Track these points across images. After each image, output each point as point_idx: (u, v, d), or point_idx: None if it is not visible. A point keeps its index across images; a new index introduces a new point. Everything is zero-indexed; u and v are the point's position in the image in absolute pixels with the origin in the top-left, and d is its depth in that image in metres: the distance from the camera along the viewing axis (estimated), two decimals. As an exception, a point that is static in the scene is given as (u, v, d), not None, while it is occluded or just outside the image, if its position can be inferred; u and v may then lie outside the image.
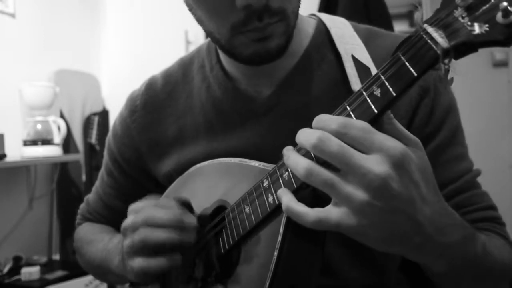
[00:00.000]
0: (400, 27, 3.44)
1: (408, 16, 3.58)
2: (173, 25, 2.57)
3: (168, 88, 0.76)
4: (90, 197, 0.89)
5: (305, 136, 0.44)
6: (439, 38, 0.41)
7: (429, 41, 0.42)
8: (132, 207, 0.61)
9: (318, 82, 0.66)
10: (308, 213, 0.44)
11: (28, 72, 2.27)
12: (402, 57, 0.43)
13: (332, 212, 0.43)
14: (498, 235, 0.62)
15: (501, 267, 0.58)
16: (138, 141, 0.76)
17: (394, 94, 0.43)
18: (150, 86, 0.78)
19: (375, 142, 0.42)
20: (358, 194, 0.41)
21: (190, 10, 0.62)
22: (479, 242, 0.53)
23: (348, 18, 0.72)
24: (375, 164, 0.41)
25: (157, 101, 0.76)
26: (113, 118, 2.51)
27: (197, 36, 2.54)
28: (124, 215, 0.82)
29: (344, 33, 0.67)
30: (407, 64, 0.43)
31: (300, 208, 0.45)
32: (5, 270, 2.00)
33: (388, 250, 0.46)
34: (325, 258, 0.54)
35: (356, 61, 0.63)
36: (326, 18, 0.71)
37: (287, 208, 0.46)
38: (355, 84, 0.61)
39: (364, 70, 0.63)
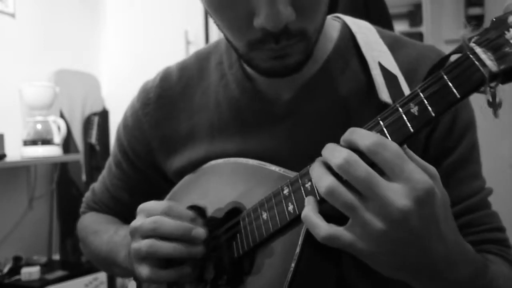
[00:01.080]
0: (400, 27, 3.44)
1: (408, 16, 3.58)
2: (173, 25, 2.57)
3: (183, 82, 0.74)
4: (96, 186, 0.87)
5: (331, 153, 0.43)
6: (488, 60, 0.39)
7: (476, 62, 0.40)
8: (142, 207, 0.61)
9: (341, 88, 0.64)
10: (321, 227, 0.44)
11: (28, 72, 2.27)
12: (445, 76, 0.41)
13: (345, 233, 0.43)
14: (504, 260, 0.61)
15: None
16: (149, 135, 0.75)
17: (433, 114, 0.41)
18: (165, 79, 0.75)
19: (405, 171, 0.40)
20: (376, 222, 0.41)
21: (211, 16, 0.59)
22: (487, 279, 0.52)
23: (348, 18, 0.71)
24: (399, 197, 0.40)
25: (171, 95, 0.74)
26: (113, 118, 2.52)
27: (197, 36, 2.54)
28: (130, 207, 0.82)
29: (370, 39, 0.65)
30: (450, 84, 0.41)
31: (316, 220, 0.45)
32: (5, 270, 2.00)
33: (394, 277, 0.46)
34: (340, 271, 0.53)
35: (383, 69, 0.61)
36: (351, 21, 0.68)
37: (305, 216, 0.46)
38: (383, 93, 0.59)
39: (391, 79, 0.60)
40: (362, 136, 0.42)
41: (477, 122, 0.66)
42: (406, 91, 0.60)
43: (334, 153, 0.42)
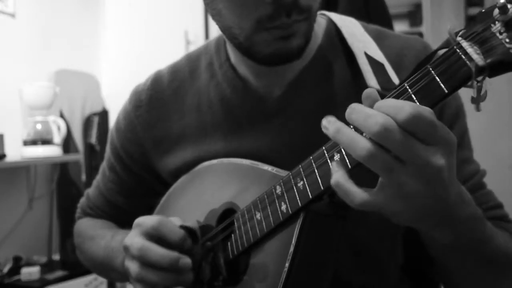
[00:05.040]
0: (400, 27, 3.44)
1: (408, 16, 3.58)
2: (173, 25, 2.57)
3: (174, 84, 0.74)
4: (90, 191, 0.88)
5: (363, 118, 0.40)
6: (474, 54, 0.39)
7: (463, 56, 0.39)
8: (137, 221, 0.61)
9: (330, 81, 0.65)
10: (356, 193, 0.42)
11: (28, 72, 2.27)
12: (432, 71, 0.41)
13: (379, 196, 0.42)
14: (506, 232, 0.63)
15: (507, 256, 0.58)
16: (142, 137, 0.75)
17: None
18: (156, 82, 0.76)
19: (438, 136, 0.40)
20: (412, 182, 0.41)
21: (208, 3, 0.60)
22: (487, 225, 0.54)
23: (348, 18, 0.72)
24: (438, 158, 0.40)
25: (163, 97, 0.74)
26: (113, 118, 2.51)
27: (197, 36, 2.54)
28: (126, 210, 0.82)
29: (355, 32, 0.66)
30: (438, 79, 0.40)
31: (350, 187, 0.43)
32: (5, 270, 2.00)
33: (410, 225, 0.46)
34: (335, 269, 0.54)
35: (369, 58, 0.62)
36: (336, 17, 0.70)
37: (337, 183, 0.43)
38: (371, 79, 0.60)
39: (378, 67, 0.61)
40: (399, 108, 0.39)
41: (477, 123, 0.67)
42: (394, 78, 0.61)
43: (366, 118, 0.40)
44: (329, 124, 0.43)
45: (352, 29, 0.67)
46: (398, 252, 0.69)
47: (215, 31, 2.50)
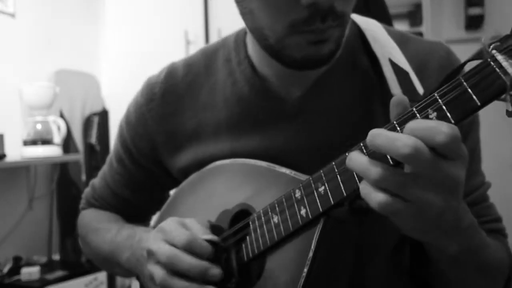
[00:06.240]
0: (400, 27, 3.44)
1: (408, 16, 3.58)
2: (173, 25, 2.57)
3: (189, 79, 0.72)
4: (96, 182, 0.86)
5: (391, 142, 0.40)
6: (510, 68, 0.39)
7: (497, 69, 0.39)
8: (163, 227, 0.60)
9: (352, 85, 0.64)
10: (377, 194, 0.42)
11: (28, 72, 2.27)
12: (464, 83, 0.41)
13: (400, 202, 0.42)
14: (498, 242, 0.64)
15: (499, 262, 0.59)
16: (153, 131, 0.73)
17: (453, 121, 0.41)
18: (170, 75, 0.74)
19: (462, 152, 0.42)
20: (430, 195, 0.41)
21: (239, 2, 0.58)
22: (482, 233, 0.55)
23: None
24: (457, 170, 0.41)
25: (176, 91, 0.72)
26: (113, 118, 2.52)
27: (197, 36, 2.54)
28: (132, 203, 0.81)
29: (379, 36, 0.65)
30: (470, 91, 0.40)
31: (374, 191, 0.43)
32: (5, 270, 2.00)
33: (421, 237, 0.47)
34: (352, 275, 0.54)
35: (394, 65, 0.61)
36: (359, 19, 0.68)
37: (365, 187, 0.43)
38: (395, 88, 0.59)
39: (402, 75, 0.60)
40: (433, 129, 0.40)
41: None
42: (418, 87, 0.60)
43: (397, 143, 0.40)
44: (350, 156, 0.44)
45: (376, 33, 0.66)
46: (405, 257, 0.69)
47: (215, 31, 2.50)
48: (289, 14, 0.53)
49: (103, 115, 2.49)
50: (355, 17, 0.69)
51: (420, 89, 0.60)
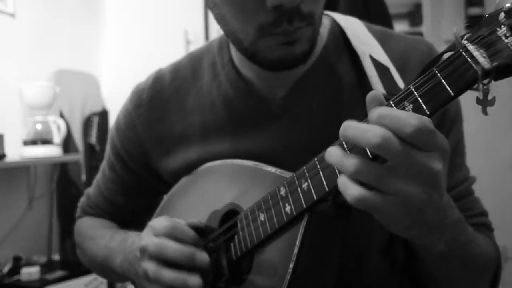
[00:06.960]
0: (400, 27, 3.44)
1: (408, 16, 3.58)
2: (173, 25, 2.57)
3: (176, 84, 0.74)
4: (90, 190, 0.87)
5: (361, 132, 0.40)
6: (480, 57, 0.39)
7: (469, 59, 0.40)
8: (151, 223, 0.61)
9: (334, 83, 0.65)
10: (355, 187, 0.42)
11: (28, 72, 2.27)
12: (438, 74, 0.41)
13: (376, 196, 0.42)
14: (486, 237, 0.65)
15: (486, 257, 0.60)
16: (142, 136, 0.75)
17: (428, 112, 0.41)
18: (158, 81, 0.75)
19: (438, 144, 0.41)
20: (409, 188, 0.41)
21: (212, 8, 0.59)
22: (470, 229, 0.55)
23: (348, 18, 0.71)
24: (434, 162, 0.41)
25: (164, 96, 0.74)
26: (113, 118, 2.51)
27: (197, 36, 2.54)
28: (126, 209, 0.83)
29: (360, 33, 0.66)
30: (444, 82, 0.41)
31: (351, 184, 0.42)
32: (5, 270, 2.00)
33: (405, 233, 0.47)
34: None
35: (374, 62, 0.62)
36: (340, 18, 0.69)
37: (342, 181, 0.43)
38: (376, 84, 0.59)
39: (383, 71, 0.61)
40: (402, 121, 0.39)
41: (478, 123, 0.67)
42: (399, 82, 0.61)
43: (365, 132, 0.40)
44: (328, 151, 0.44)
45: (357, 31, 0.66)
46: (400, 253, 0.69)
47: (215, 31, 2.50)
48: (257, 17, 0.54)
49: (103, 115, 2.49)
50: (336, 16, 0.70)
51: (401, 84, 0.61)
